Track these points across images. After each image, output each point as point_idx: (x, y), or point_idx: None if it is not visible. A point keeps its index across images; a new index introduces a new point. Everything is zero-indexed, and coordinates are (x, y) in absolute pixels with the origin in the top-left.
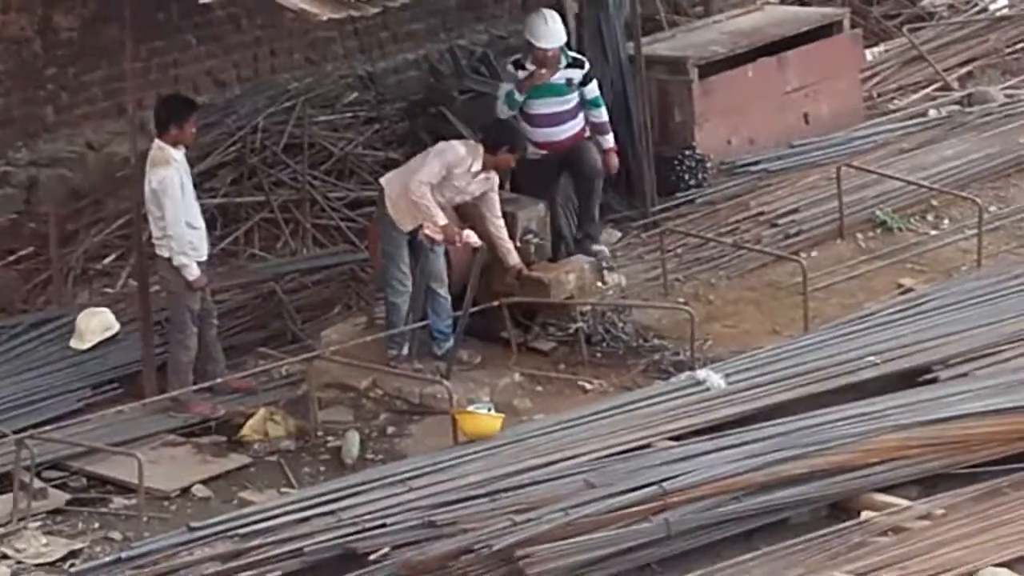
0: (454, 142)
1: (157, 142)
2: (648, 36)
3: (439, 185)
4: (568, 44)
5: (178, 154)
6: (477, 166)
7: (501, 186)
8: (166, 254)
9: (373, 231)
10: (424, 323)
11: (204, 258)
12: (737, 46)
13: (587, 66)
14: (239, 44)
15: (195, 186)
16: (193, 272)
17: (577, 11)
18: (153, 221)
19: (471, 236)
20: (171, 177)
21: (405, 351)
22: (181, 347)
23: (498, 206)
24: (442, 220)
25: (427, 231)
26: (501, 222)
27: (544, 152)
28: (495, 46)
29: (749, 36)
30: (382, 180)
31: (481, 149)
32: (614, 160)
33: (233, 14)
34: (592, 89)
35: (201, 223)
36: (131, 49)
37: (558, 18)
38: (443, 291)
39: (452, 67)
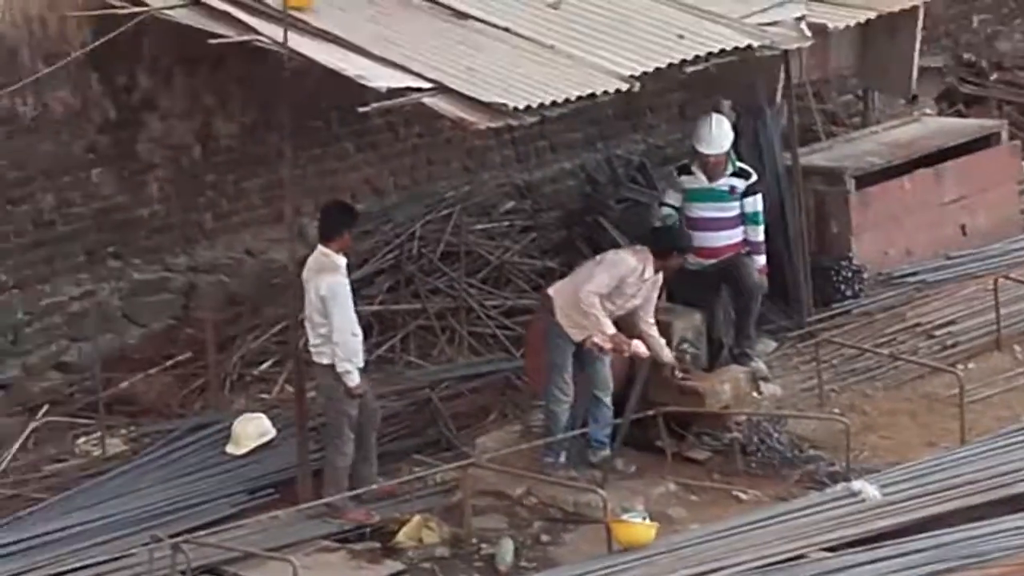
0: (623, 253)
1: (321, 248)
2: (805, 147)
3: (609, 294)
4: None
5: (342, 262)
6: (649, 272)
7: (659, 296)
8: (326, 360)
9: (530, 340)
10: (584, 431)
11: (361, 365)
12: (894, 157)
13: (753, 178)
14: (397, 152)
15: (352, 292)
16: (355, 379)
17: (735, 121)
18: (312, 328)
19: (639, 346)
20: (341, 283)
21: (563, 459)
22: (338, 453)
23: (654, 304)
24: (611, 330)
25: (596, 339)
26: (652, 319)
27: (703, 263)
28: (652, 155)
29: (906, 147)
30: (550, 290)
31: (650, 254)
32: (764, 281)
33: (391, 123)
34: (754, 203)
35: (359, 331)
36: (290, 157)
37: (725, 123)
38: (607, 399)
39: (609, 176)
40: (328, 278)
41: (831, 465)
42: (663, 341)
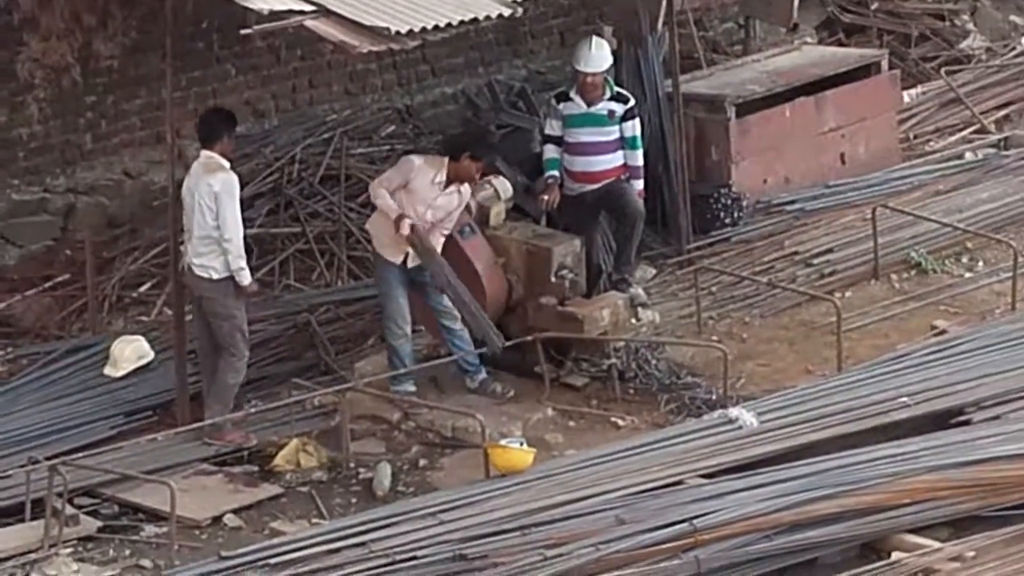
0: (411, 155)
1: (205, 152)
2: (686, 74)
3: (409, 201)
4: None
5: (227, 164)
6: (441, 177)
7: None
8: (215, 275)
9: None
10: (452, 358)
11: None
12: (775, 85)
13: (631, 102)
14: (278, 75)
15: None
16: (248, 277)
17: (616, 48)
18: (199, 238)
19: (404, 224)
20: (232, 180)
21: (411, 387)
22: (231, 370)
23: (455, 220)
24: (395, 212)
25: (403, 230)
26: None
27: (582, 188)
28: (533, 81)
29: (787, 76)
30: (367, 226)
31: (445, 161)
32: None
33: (273, 45)
34: (632, 127)
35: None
36: (171, 78)
37: (605, 45)
38: (456, 325)
39: (490, 101)
40: (220, 174)
41: (708, 392)
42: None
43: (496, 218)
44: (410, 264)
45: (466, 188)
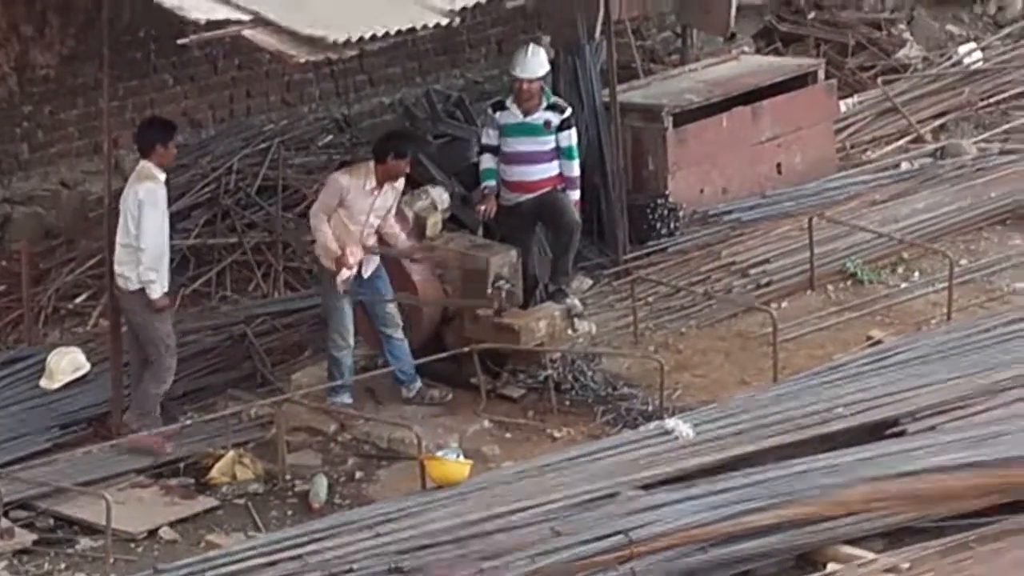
0: (335, 173)
1: (143, 162)
2: (624, 84)
3: (349, 215)
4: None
5: (162, 176)
6: (371, 183)
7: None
8: (131, 286)
9: None
10: (389, 369)
11: (166, 286)
12: (712, 95)
13: (568, 112)
14: (215, 85)
15: (169, 226)
16: (157, 291)
17: (553, 57)
18: (122, 248)
19: (350, 256)
20: (158, 191)
21: (347, 398)
22: (154, 379)
23: (392, 213)
24: (336, 251)
25: (341, 278)
26: (392, 222)
27: (519, 198)
28: (471, 90)
29: (724, 85)
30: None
31: (371, 165)
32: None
33: (210, 55)
34: (568, 136)
35: (167, 249)
36: (108, 88)
37: (542, 52)
38: (397, 334)
39: (427, 111)
40: (147, 184)
41: (644, 403)
42: (402, 235)
43: (433, 228)
44: (365, 274)
45: (399, 182)
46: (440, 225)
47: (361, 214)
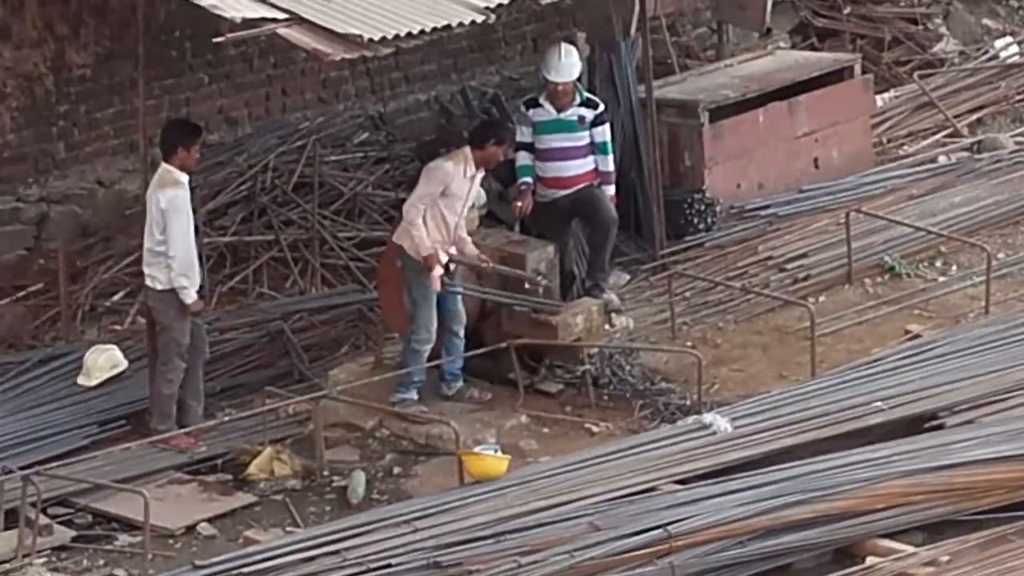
0: (439, 160)
1: (164, 166)
2: (660, 79)
3: (449, 205)
4: (580, 82)
5: (184, 178)
6: (471, 170)
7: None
8: (160, 286)
9: (383, 273)
10: (437, 363)
11: (198, 285)
12: (748, 90)
13: (601, 107)
14: (251, 83)
15: (205, 224)
16: (191, 296)
17: (589, 54)
18: (149, 249)
19: (436, 279)
20: (181, 196)
21: (414, 395)
22: (164, 380)
23: (471, 202)
24: (428, 250)
25: (436, 275)
26: (462, 219)
27: (555, 194)
28: (506, 87)
29: (760, 81)
30: (394, 237)
31: (468, 152)
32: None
33: (246, 53)
34: (602, 132)
35: (195, 252)
36: (143, 87)
37: (574, 52)
38: (461, 331)
39: (463, 108)
40: (169, 191)
41: (682, 398)
42: (468, 240)
43: (470, 225)
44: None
45: (481, 172)
46: (477, 221)
47: (460, 201)
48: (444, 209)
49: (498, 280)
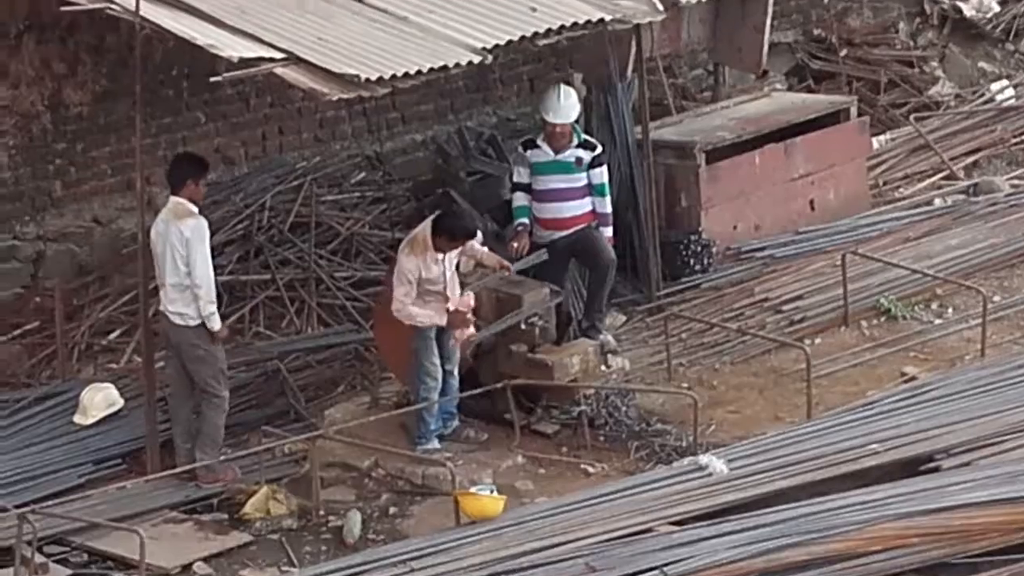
0: (401, 258)
1: (174, 199)
2: (656, 121)
3: (427, 292)
4: (578, 123)
5: (196, 209)
6: (432, 252)
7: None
8: (192, 322)
9: (379, 314)
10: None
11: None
12: (744, 132)
13: (599, 149)
14: (248, 122)
15: None
16: (218, 322)
17: (585, 95)
18: (172, 284)
19: (463, 336)
20: (202, 224)
21: (437, 443)
22: (216, 411)
23: (478, 248)
24: (441, 320)
25: (457, 335)
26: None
27: (552, 235)
28: (503, 128)
29: (756, 122)
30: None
31: (428, 233)
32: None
33: (242, 92)
34: (600, 174)
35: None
36: (140, 125)
37: (572, 94)
38: (456, 371)
39: (460, 148)
40: (190, 220)
41: (678, 439)
42: (493, 255)
43: (466, 266)
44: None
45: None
46: (473, 263)
47: (438, 283)
48: (425, 294)
49: (493, 316)
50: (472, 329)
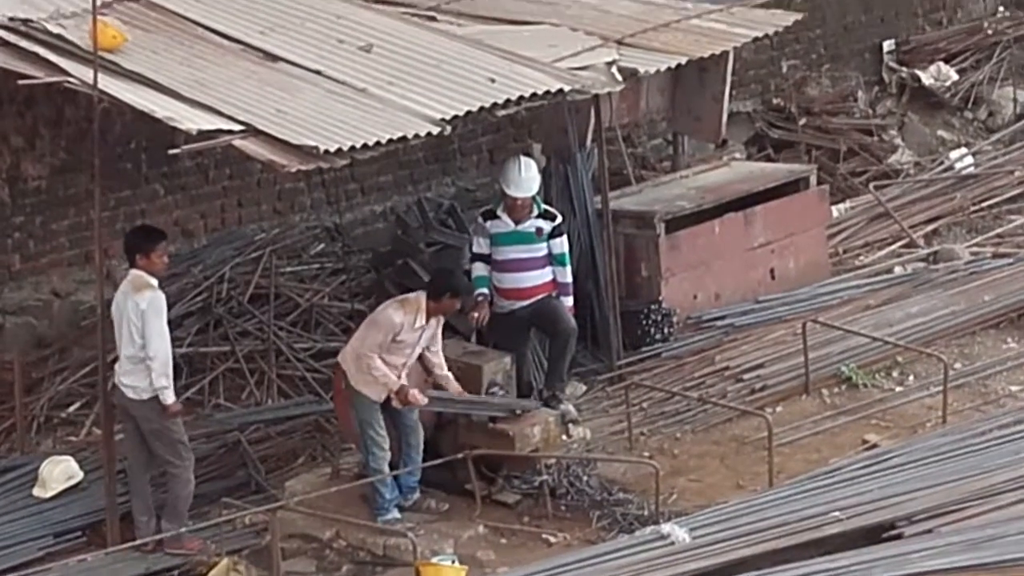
0: (388, 310)
1: (133, 271)
2: (616, 190)
3: (391, 351)
4: (538, 194)
5: (154, 282)
6: (420, 321)
7: (467, 339)
8: (146, 396)
9: (339, 385)
10: (395, 473)
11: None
12: (704, 201)
13: (558, 219)
14: (207, 194)
15: None
16: (170, 396)
17: (545, 165)
18: (128, 358)
19: (417, 395)
20: (159, 297)
21: (397, 514)
22: (179, 482)
23: (439, 344)
24: (396, 385)
25: (395, 401)
26: (440, 359)
27: (512, 305)
28: (462, 198)
29: (716, 191)
30: (339, 358)
31: (422, 301)
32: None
33: (201, 164)
34: (560, 244)
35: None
36: (99, 198)
37: (533, 167)
38: (418, 444)
39: (419, 219)
40: (147, 292)
41: (640, 508)
42: (449, 375)
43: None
44: (395, 405)
45: (438, 320)
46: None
47: (408, 348)
48: (389, 355)
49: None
50: (422, 397)
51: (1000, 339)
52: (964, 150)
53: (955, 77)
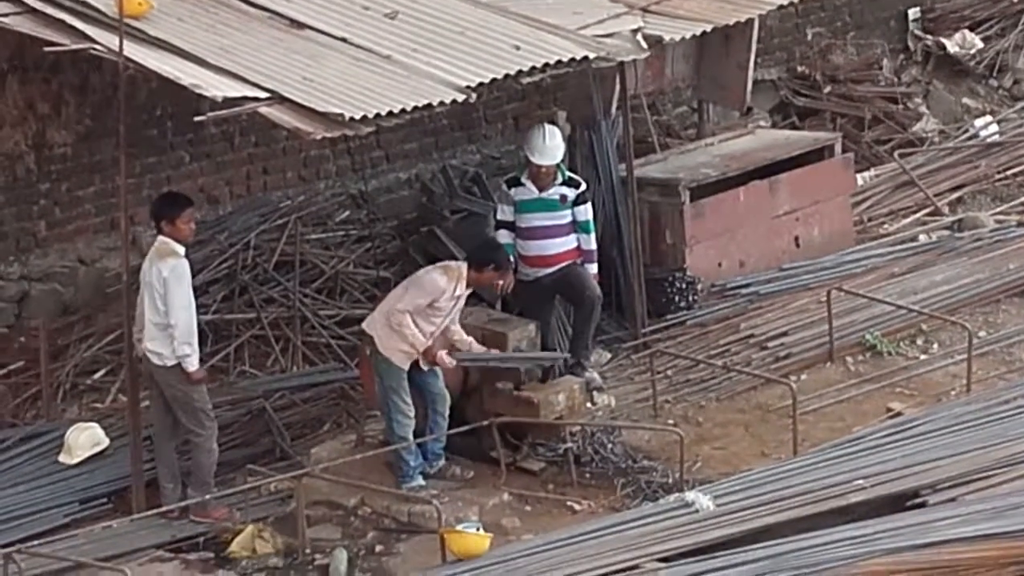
0: (434, 273)
1: (160, 238)
2: (640, 158)
3: (426, 316)
4: (562, 161)
5: (181, 249)
6: (460, 289)
7: (492, 307)
8: (168, 362)
9: (363, 351)
10: (420, 441)
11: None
12: (729, 169)
13: (583, 186)
14: (232, 161)
15: None
16: (194, 364)
17: (570, 132)
18: (152, 325)
19: (444, 356)
20: (183, 264)
21: (422, 481)
22: (203, 450)
23: (458, 315)
24: (423, 345)
25: (423, 363)
26: (458, 326)
27: (537, 273)
28: (487, 166)
29: (740, 159)
30: (364, 326)
31: (463, 270)
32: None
33: (227, 131)
34: (584, 211)
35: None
36: (124, 165)
37: (557, 134)
38: (446, 412)
39: (444, 186)
40: (170, 260)
41: (664, 476)
42: (469, 338)
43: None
44: (422, 366)
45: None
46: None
47: (440, 316)
48: (420, 320)
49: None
50: (449, 359)
51: None
52: (989, 118)
53: (980, 45)
